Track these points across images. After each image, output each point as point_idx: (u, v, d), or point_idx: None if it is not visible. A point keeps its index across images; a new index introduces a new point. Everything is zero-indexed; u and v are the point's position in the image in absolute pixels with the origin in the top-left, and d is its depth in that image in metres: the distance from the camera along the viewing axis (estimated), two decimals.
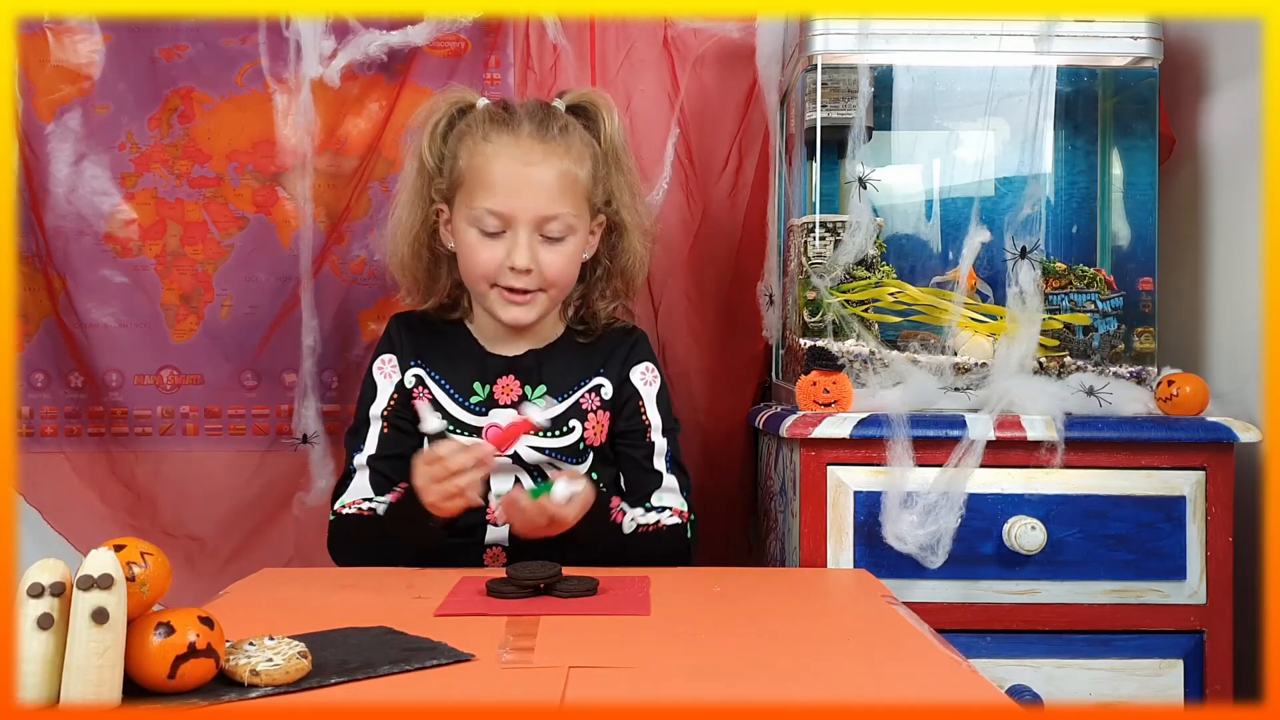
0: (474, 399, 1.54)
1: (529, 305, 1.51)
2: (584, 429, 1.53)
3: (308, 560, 1.87)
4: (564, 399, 1.54)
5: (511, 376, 1.55)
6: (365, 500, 1.51)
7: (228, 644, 0.89)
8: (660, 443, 1.57)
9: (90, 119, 1.88)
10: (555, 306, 1.56)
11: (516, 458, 1.51)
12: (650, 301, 1.93)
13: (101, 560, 0.80)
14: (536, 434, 1.51)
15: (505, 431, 1.46)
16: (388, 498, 1.48)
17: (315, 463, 1.88)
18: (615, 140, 1.57)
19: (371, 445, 1.55)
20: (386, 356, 1.58)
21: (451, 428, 1.52)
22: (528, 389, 1.54)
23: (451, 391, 1.55)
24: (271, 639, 0.90)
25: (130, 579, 0.81)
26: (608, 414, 1.56)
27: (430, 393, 1.54)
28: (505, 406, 1.53)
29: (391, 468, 1.53)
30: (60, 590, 0.80)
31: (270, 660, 0.88)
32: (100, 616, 0.78)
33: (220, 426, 1.93)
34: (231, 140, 1.90)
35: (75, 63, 1.88)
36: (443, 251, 1.57)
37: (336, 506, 1.54)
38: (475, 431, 1.52)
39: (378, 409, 1.56)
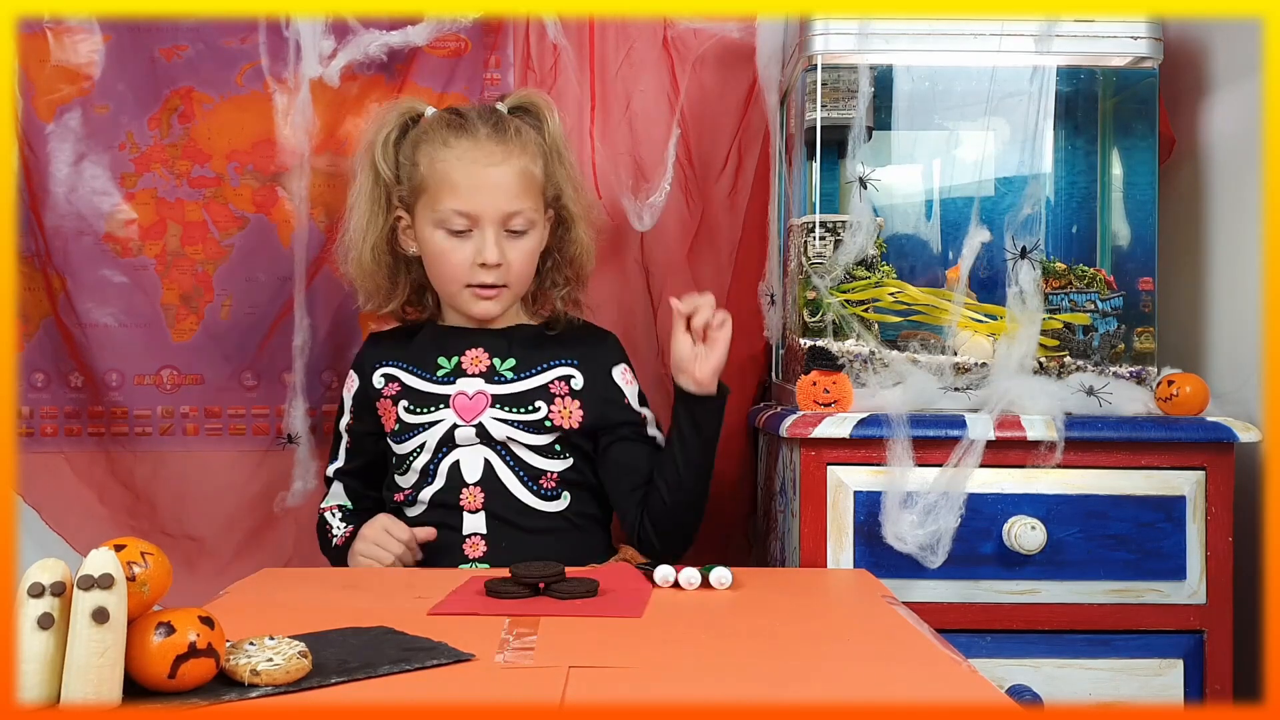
0: (440, 371, 1.62)
1: (497, 299, 1.61)
2: (549, 409, 1.59)
3: (308, 560, 1.87)
4: (530, 375, 1.61)
5: (481, 350, 1.62)
6: (339, 506, 1.69)
7: (228, 644, 0.89)
8: (650, 415, 1.67)
9: (90, 119, 1.88)
10: (517, 300, 1.67)
11: (482, 430, 1.57)
12: (650, 301, 1.93)
13: (102, 560, 0.80)
14: (501, 407, 1.58)
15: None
16: (345, 531, 1.63)
17: (300, 463, 1.88)
18: (558, 137, 1.66)
19: (340, 459, 1.71)
20: (350, 373, 1.70)
21: (412, 407, 1.61)
22: (496, 360, 1.61)
23: (418, 370, 1.63)
24: (271, 639, 0.90)
25: (130, 579, 0.81)
26: (578, 404, 1.61)
27: (400, 382, 1.62)
28: (474, 376, 1.60)
29: (359, 478, 1.71)
30: (61, 590, 0.80)
31: (270, 660, 0.88)
32: (100, 616, 0.78)
33: (220, 426, 1.92)
34: (231, 140, 1.90)
35: (75, 63, 1.88)
36: (402, 256, 1.66)
37: (321, 506, 1.71)
38: (442, 400, 1.59)
39: (342, 424, 1.70)
